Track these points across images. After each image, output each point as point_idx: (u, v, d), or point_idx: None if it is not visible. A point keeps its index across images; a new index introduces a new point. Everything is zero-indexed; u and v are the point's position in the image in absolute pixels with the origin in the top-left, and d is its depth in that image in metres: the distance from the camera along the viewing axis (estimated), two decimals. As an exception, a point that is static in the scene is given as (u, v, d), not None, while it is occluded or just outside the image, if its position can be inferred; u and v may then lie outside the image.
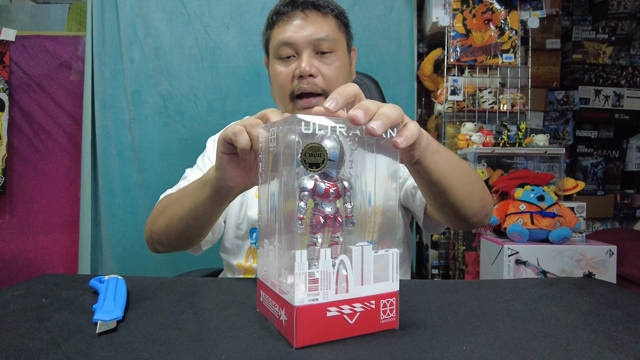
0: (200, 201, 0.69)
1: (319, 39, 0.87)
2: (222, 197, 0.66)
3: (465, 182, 0.69)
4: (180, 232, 0.76)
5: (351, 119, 0.43)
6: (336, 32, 0.90)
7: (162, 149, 1.90)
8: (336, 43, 0.89)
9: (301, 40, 0.87)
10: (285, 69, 0.89)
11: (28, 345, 0.42)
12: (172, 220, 0.76)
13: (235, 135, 0.54)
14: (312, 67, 0.87)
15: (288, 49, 0.88)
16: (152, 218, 0.84)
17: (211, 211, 0.70)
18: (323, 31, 0.87)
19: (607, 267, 1.49)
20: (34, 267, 2.02)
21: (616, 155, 2.79)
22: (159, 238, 0.81)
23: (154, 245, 0.84)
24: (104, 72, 1.88)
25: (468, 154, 1.85)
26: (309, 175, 0.43)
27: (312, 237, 0.44)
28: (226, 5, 1.91)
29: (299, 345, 0.41)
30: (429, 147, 0.58)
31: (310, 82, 0.87)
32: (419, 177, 0.63)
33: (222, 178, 0.61)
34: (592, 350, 0.42)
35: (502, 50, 1.93)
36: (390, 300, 0.46)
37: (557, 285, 0.66)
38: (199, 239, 0.80)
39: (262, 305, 0.50)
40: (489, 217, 0.80)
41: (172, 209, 0.77)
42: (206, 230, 0.78)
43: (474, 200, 0.71)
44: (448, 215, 0.73)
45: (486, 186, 0.80)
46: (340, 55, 0.90)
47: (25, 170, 2.05)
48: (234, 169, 0.60)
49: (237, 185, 0.62)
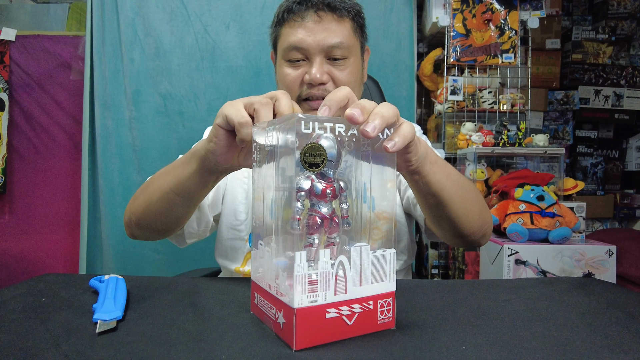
0: (185, 175, 0.65)
1: (332, 46, 0.81)
2: (207, 174, 0.63)
3: (464, 198, 0.67)
4: (160, 212, 0.72)
5: (348, 117, 0.43)
6: (351, 37, 0.84)
7: (162, 148, 1.90)
8: (350, 50, 0.84)
9: (313, 46, 0.81)
10: (293, 72, 0.84)
11: (28, 345, 0.42)
12: (153, 197, 0.71)
13: (241, 126, 0.52)
14: (324, 75, 0.81)
15: (298, 53, 0.82)
16: (133, 198, 0.79)
17: (195, 187, 0.66)
18: (337, 37, 0.81)
19: (607, 267, 1.49)
20: (34, 267, 2.02)
21: (616, 155, 2.79)
22: (137, 219, 0.76)
23: (131, 229, 0.79)
24: (104, 72, 1.88)
25: (468, 153, 1.85)
26: (305, 176, 0.43)
27: (308, 238, 0.43)
28: (226, 5, 1.91)
29: (298, 347, 0.41)
30: (427, 157, 0.58)
31: (321, 89, 0.82)
32: (416, 188, 0.62)
33: (213, 151, 0.58)
34: (591, 350, 0.42)
35: (502, 50, 1.93)
36: (388, 300, 0.46)
37: (557, 285, 0.66)
38: (179, 222, 0.76)
39: (257, 307, 0.49)
40: (486, 238, 0.77)
41: (154, 185, 0.72)
42: (188, 212, 0.73)
43: (472, 217, 0.70)
44: (445, 230, 0.72)
45: (488, 207, 0.79)
46: (354, 62, 0.85)
47: (25, 170, 2.04)
48: (227, 145, 0.57)
49: (226, 161, 0.59)
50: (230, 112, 0.53)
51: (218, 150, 0.57)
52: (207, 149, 0.59)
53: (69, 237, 2.04)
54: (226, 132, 0.56)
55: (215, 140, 0.57)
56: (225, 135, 0.56)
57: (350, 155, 0.46)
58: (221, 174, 0.64)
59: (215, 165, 0.60)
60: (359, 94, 0.91)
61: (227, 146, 0.57)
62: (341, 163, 0.45)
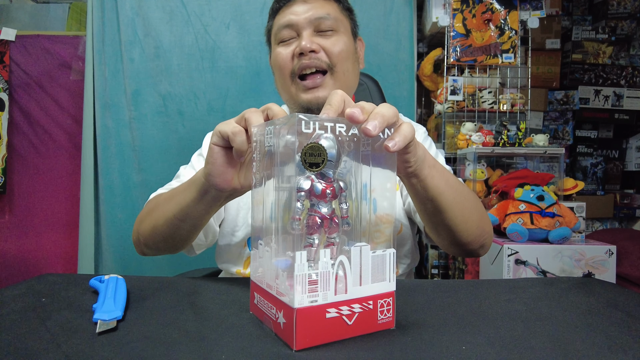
0: (187, 202, 0.65)
1: (320, 18, 0.84)
2: (210, 200, 0.62)
3: (462, 205, 0.66)
4: (166, 236, 0.72)
5: (349, 116, 0.43)
6: (338, 13, 0.87)
7: (162, 148, 1.90)
8: (338, 23, 0.86)
9: (301, 21, 0.84)
10: (285, 49, 0.86)
11: (28, 344, 0.42)
12: (158, 222, 0.72)
13: (235, 135, 0.52)
14: (313, 44, 0.83)
15: (289, 30, 0.85)
16: (139, 219, 0.80)
17: (198, 214, 0.66)
18: (324, 11, 0.84)
19: (607, 267, 1.49)
20: (34, 267, 2.02)
21: (616, 155, 2.79)
22: (145, 240, 0.77)
23: (140, 248, 0.81)
24: (104, 72, 1.88)
25: (468, 153, 1.85)
26: (304, 176, 0.43)
27: (308, 238, 0.43)
28: (226, 5, 1.91)
29: (298, 347, 0.41)
30: (426, 160, 0.57)
31: (313, 57, 0.83)
32: (414, 193, 0.61)
33: (211, 174, 0.57)
34: (591, 350, 0.42)
35: (502, 50, 1.93)
36: (387, 300, 0.46)
37: (557, 285, 0.66)
38: (186, 243, 0.76)
39: (257, 307, 0.49)
40: (485, 249, 0.76)
41: (159, 211, 0.73)
42: (193, 235, 0.74)
43: (470, 225, 0.69)
44: (442, 238, 0.71)
45: (489, 218, 0.77)
46: (344, 37, 0.87)
47: (25, 170, 2.05)
48: (225, 163, 0.57)
49: (225, 184, 0.58)
50: (222, 127, 0.55)
51: (215, 170, 0.57)
52: (205, 172, 0.59)
53: (68, 237, 2.04)
54: (222, 149, 0.56)
55: (212, 160, 0.57)
56: (221, 153, 0.56)
57: (350, 157, 0.45)
58: (225, 200, 0.64)
59: (217, 191, 0.60)
60: (353, 69, 0.91)
61: (224, 165, 0.57)
62: (341, 163, 0.44)
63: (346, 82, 0.88)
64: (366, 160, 0.46)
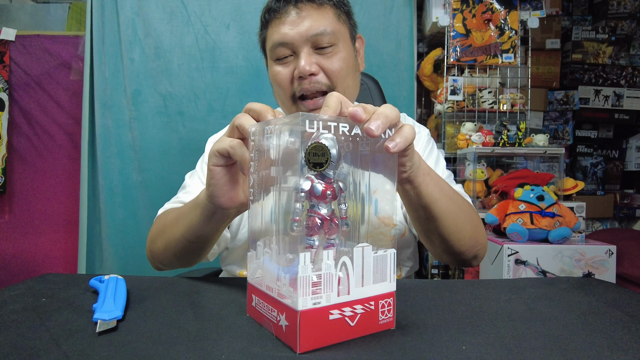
0: (194, 224, 0.64)
1: (317, 34, 0.78)
2: (218, 219, 0.62)
3: (455, 215, 0.66)
4: (179, 254, 0.72)
5: (351, 115, 0.43)
6: (335, 23, 0.81)
7: (162, 148, 1.90)
8: (336, 36, 0.81)
9: (297, 39, 0.78)
10: (283, 69, 0.82)
11: (28, 344, 0.42)
12: (170, 242, 0.72)
13: (234, 149, 0.52)
14: (312, 66, 0.78)
15: (284, 49, 0.80)
16: (150, 239, 0.80)
17: (207, 233, 0.65)
18: (320, 25, 0.78)
19: (607, 267, 1.49)
20: (34, 267, 2.02)
21: (616, 155, 2.79)
22: (160, 259, 0.77)
23: (156, 265, 0.81)
24: (104, 72, 1.88)
25: (468, 153, 1.85)
26: (304, 176, 0.43)
27: (308, 240, 0.43)
28: (226, 5, 1.91)
29: (302, 350, 0.40)
30: (421, 167, 0.57)
31: (312, 81, 0.79)
32: (407, 200, 0.61)
33: (215, 195, 0.56)
34: (591, 350, 0.42)
35: (502, 50, 1.93)
36: (388, 300, 0.46)
37: (557, 285, 0.66)
38: (200, 258, 0.76)
39: (255, 310, 0.48)
40: (478, 260, 0.75)
41: (169, 232, 0.72)
42: (206, 250, 0.73)
43: (463, 235, 0.68)
44: (435, 246, 0.71)
45: (484, 228, 0.76)
46: (343, 48, 0.82)
47: (25, 170, 2.05)
48: (227, 182, 0.56)
49: (231, 202, 0.57)
50: (218, 145, 0.54)
51: (218, 191, 0.56)
52: (208, 194, 0.58)
53: (68, 237, 2.04)
54: (223, 169, 0.55)
55: (214, 182, 0.56)
56: (223, 172, 0.55)
57: (349, 158, 0.45)
58: (234, 216, 0.63)
59: (223, 210, 0.59)
60: (354, 82, 0.87)
61: (227, 184, 0.56)
62: (341, 163, 0.44)
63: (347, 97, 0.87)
64: (365, 161, 0.45)
